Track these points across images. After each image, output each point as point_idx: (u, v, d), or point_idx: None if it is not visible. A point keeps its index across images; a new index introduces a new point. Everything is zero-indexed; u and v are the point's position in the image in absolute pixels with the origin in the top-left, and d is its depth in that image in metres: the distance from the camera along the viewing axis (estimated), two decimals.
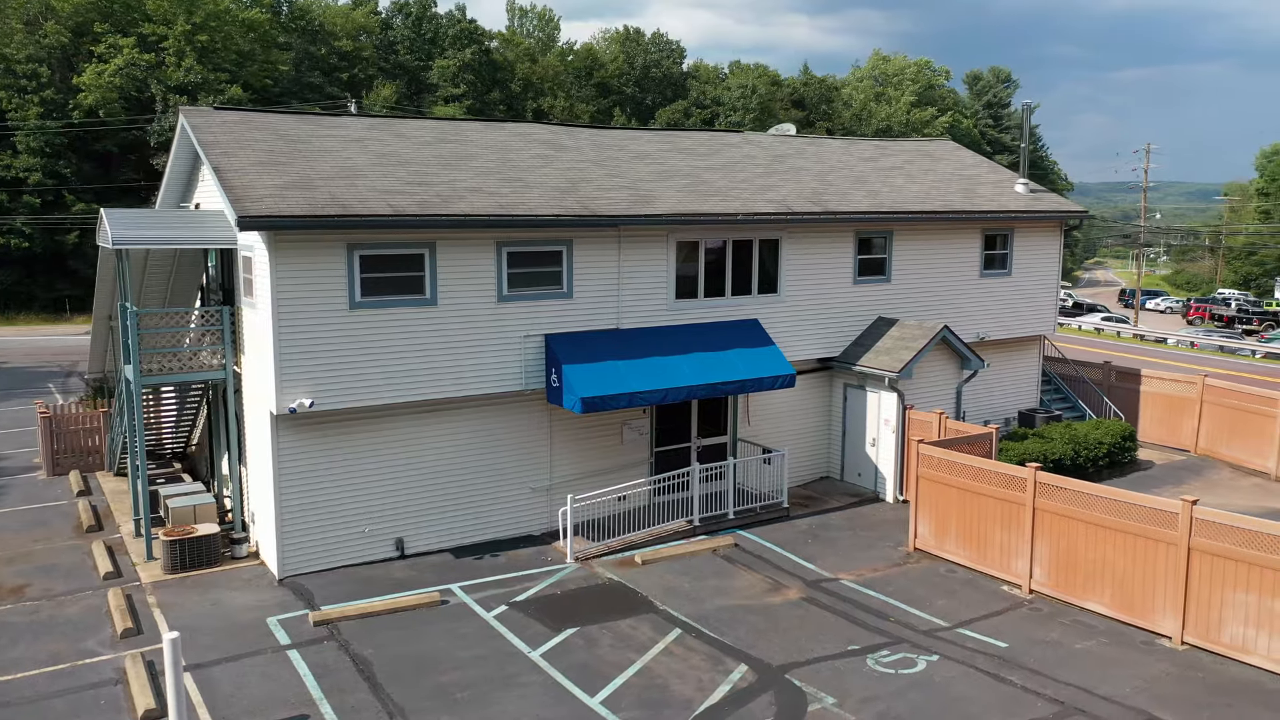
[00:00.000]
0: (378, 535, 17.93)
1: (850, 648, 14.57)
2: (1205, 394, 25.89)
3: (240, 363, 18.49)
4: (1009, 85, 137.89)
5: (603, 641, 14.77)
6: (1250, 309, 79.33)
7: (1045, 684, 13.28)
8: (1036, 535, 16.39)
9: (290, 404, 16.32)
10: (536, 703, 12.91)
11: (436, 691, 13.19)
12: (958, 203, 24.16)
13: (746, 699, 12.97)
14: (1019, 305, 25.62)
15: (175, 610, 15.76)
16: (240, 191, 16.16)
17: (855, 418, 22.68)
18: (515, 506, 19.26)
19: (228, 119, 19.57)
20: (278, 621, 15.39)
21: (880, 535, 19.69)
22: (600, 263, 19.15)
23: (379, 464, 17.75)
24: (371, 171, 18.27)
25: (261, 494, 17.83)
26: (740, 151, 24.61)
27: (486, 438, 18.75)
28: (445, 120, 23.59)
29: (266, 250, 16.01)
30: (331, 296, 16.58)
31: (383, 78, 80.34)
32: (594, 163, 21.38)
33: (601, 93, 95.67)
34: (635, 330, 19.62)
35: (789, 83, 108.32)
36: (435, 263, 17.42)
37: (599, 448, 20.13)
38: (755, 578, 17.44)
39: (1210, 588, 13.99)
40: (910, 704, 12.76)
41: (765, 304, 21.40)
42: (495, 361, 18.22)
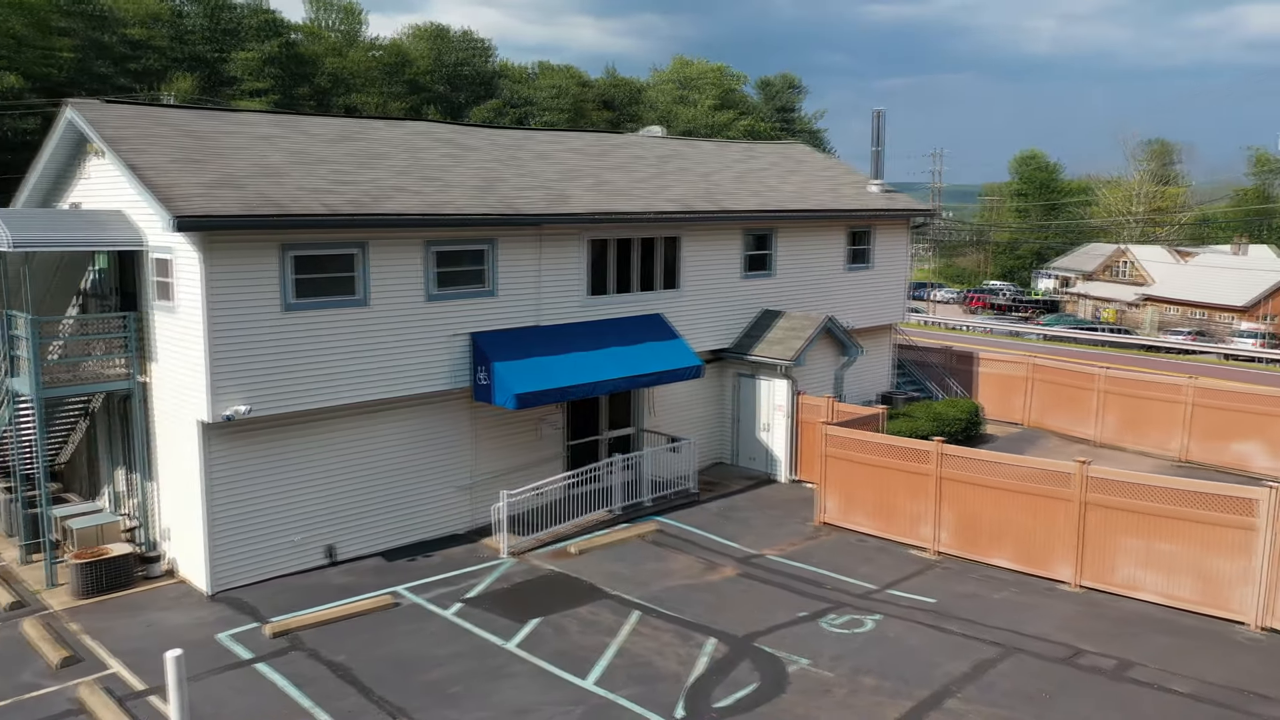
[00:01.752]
0: (309, 543, 17.51)
1: (800, 615, 15.72)
2: (1033, 373, 29.03)
3: (147, 371, 17.52)
4: (797, 91, 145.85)
5: (570, 629, 15.22)
6: (1019, 298, 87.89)
7: (981, 630, 14.91)
8: (942, 502, 18.16)
9: (225, 411, 15.72)
10: (533, 689, 13.25)
11: (429, 689, 13.26)
12: (829, 202, 25.99)
13: (728, 667, 13.83)
14: (878, 296, 27.82)
15: (110, 635, 14.88)
16: (168, 191, 15.42)
17: (747, 405, 24.01)
18: (441, 506, 19.26)
19: (124, 113, 18.41)
20: (230, 637, 14.86)
21: (786, 513, 21.05)
22: (521, 261, 19.45)
23: (309, 470, 17.34)
24: (293, 170, 17.78)
25: (181, 508, 17.01)
26: (629, 153, 25.41)
27: (413, 439, 18.66)
28: (346, 118, 23.03)
29: (198, 252, 15.36)
30: (265, 299, 16.10)
31: (179, 69, 75.49)
32: (501, 163, 21.58)
33: (412, 90, 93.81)
34: (555, 326, 20.05)
35: (597, 84, 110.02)
36: (367, 263, 17.21)
37: (518, 444, 20.41)
38: (689, 559, 18.32)
39: (1103, 536, 16.11)
40: (875, 658, 14.02)
41: (668, 299, 22.32)
42: (425, 361, 18.19)
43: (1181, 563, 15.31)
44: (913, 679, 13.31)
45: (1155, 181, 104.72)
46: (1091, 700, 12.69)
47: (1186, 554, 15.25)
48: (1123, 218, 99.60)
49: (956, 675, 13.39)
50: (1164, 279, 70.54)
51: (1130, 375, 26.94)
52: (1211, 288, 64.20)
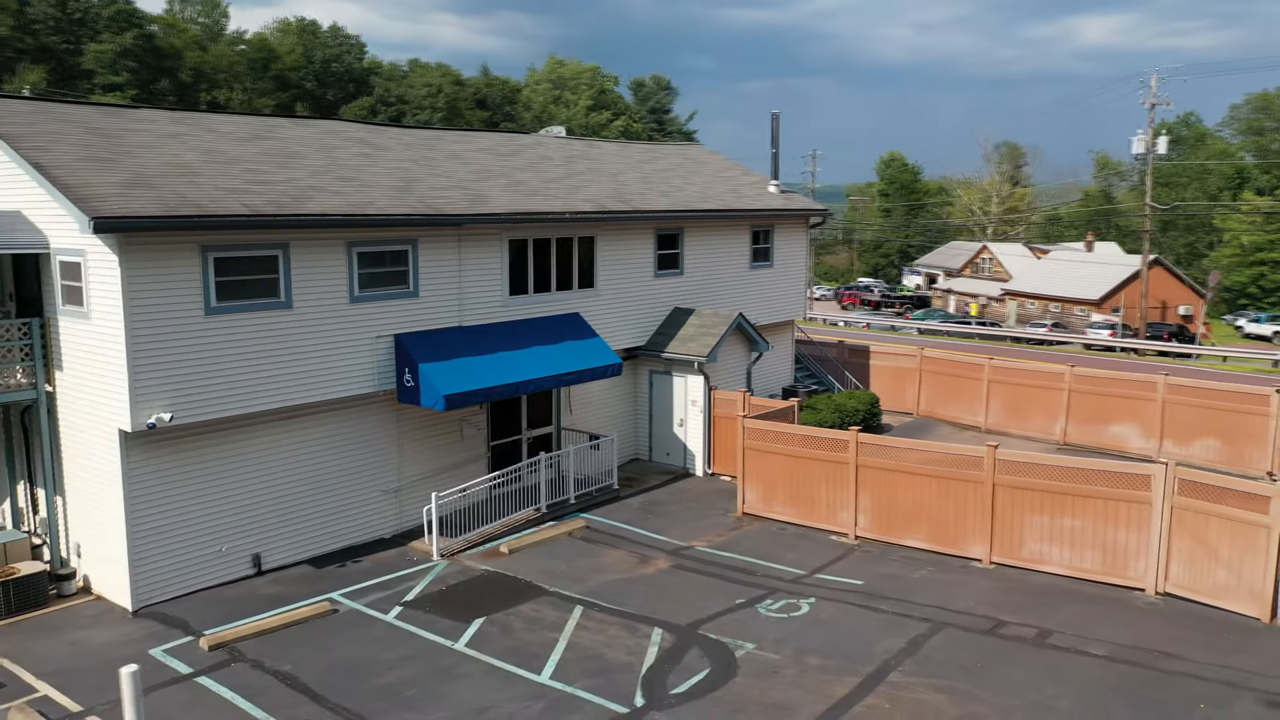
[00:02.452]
0: (234, 553, 17.02)
1: (737, 601, 16.25)
2: (924, 365, 30.52)
3: (53, 380, 16.68)
4: (669, 92, 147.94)
5: (515, 627, 15.32)
6: (889, 294, 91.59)
7: (909, 608, 15.74)
8: (860, 489, 19.03)
9: (148, 419, 15.16)
10: (489, 687, 13.32)
11: (384, 693, 13.17)
12: (733, 202, 26.72)
13: (678, 655, 14.21)
14: (779, 293, 28.74)
15: (32, 657, 14.16)
16: (82, 191, 14.75)
17: (662, 401, 24.48)
18: (367, 511, 19.00)
19: (19, 107, 17.45)
20: (164, 652, 14.36)
21: (707, 505, 21.61)
22: (443, 262, 19.36)
23: (232, 478, 16.86)
24: (206, 169, 17.22)
25: (95, 522, 16.28)
26: (536, 153, 25.50)
27: (338, 443, 18.35)
28: (252, 115, 22.32)
29: (115, 255, 14.75)
30: (186, 303, 15.59)
31: (26, 60, 70.99)
32: (414, 163, 21.37)
33: (280, 86, 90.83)
34: (478, 327, 20.03)
35: (472, 83, 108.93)
36: (289, 265, 16.85)
37: (441, 446, 20.30)
38: (620, 554, 18.63)
39: (1011, 515, 17.22)
40: (816, 639, 14.65)
41: (584, 298, 22.56)
42: (350, 364, 17.92)
43: (1084, 537, 16.53)
44: (854, 656, 13.99)
45: (1008, 183, 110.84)
46: (1019, 667, 13.62)
47: (1089, 528, 16.48)
48: (981, 218, 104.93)
49: (894, 651, 14.14)
50: (1021, 275, 74.76)
51: (1014, 365, 28.66)
52: (1066, 282, 68.44)
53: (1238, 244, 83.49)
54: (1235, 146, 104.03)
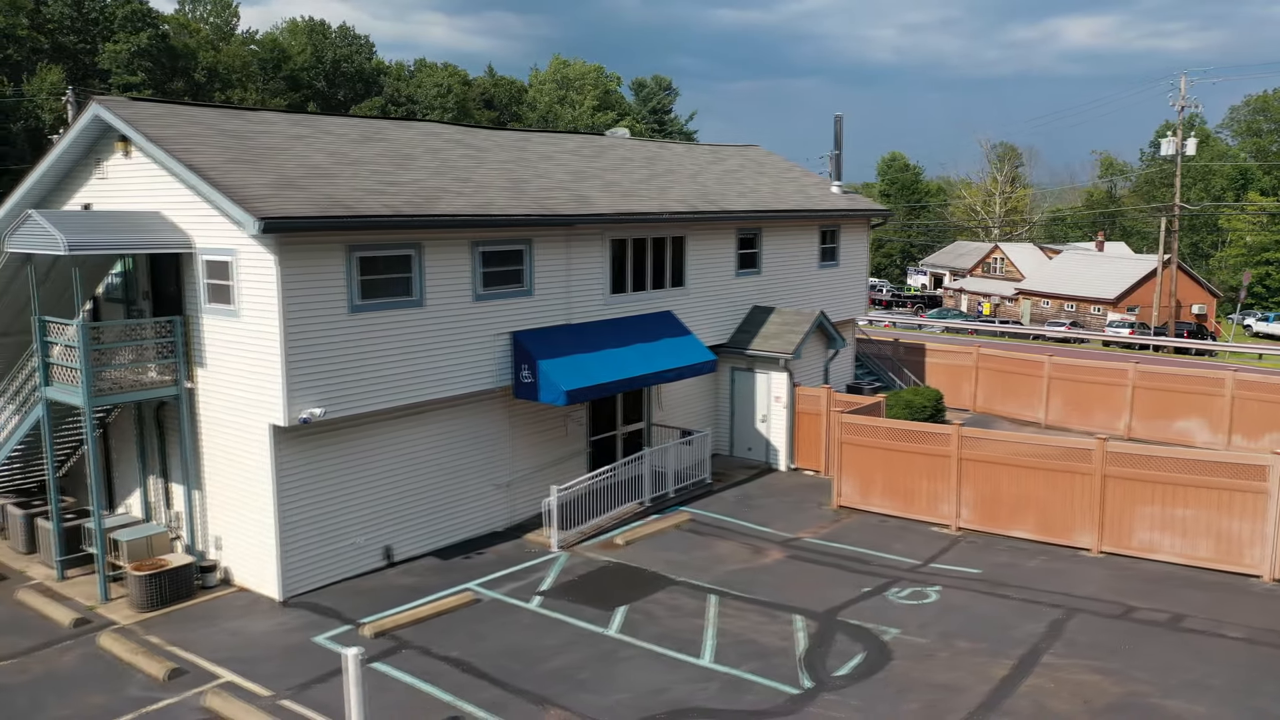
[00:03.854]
0: (367, 545, 17.46)
1: (864, 590, 16.79)
2: (980, 362, 31.16)
3: (194, 377, 17.05)
4: (670, 93, 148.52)
5: (658, 614, 15.80)
6: (899, 294, 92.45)
7: (1035, 594, 16.31)
8: (963, 481, 19.60)
9: (301, 414, 15.57)
10: (656, 670, 13.80)
11: (557, 676, 13.64)
12: (804, 202, 27.27)
13: (827, 640, 14.74)
14: (844, 292, 29.31)
15: (201, 645, 14.55)
16: (243, 192, 15.16)
17: (743, 397, 24.99)
18: (481, 505, 19.45)
19: (155, 110, 17.80)
20: (328, 639, 14.79)
21: (800, 499, 22.14)
22: (553, 261, 19.82)
23: (366, 472, 17.29)
24: (339, 170, 17.64)
25: (237, 515, 16.68)
26: (618, 154, 25.98)
27: (458, 439, 18.79)
28: (358, 118, 22.68)
29: (273, 254, 15.16)
30: (333, 301, 16.01)
31: (45, 60, 70.90)
32: (516, 163, 21.83)
33: (292, 86, 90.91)
34: (583, 324, 20.49)
35: (478, 83, 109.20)
36: (423, 264, 17.29)
37: (546, 441, 20.75)
38: (733, 545, 19.14)
39: (1121, 505, 17.82)
40: (956, 623, 15.20)
41: (674, 297, 23.06)
42: (472, 361, 18.37)
43: (1197, 526, 17.14)
44: (1001, 640, 14.54)
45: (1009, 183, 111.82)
46: (1164, 648, 14.20)
47: (1202, 517, 17.09)
48: (985, 218, 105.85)
49: (1038, 634, 14.71)
50: (1034, 274, 75.67)
51: (1075, 362, 29.32)
52: (1080, 282, 69.35)
53: (1242, 244, 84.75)
54: (1236, 148, 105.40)
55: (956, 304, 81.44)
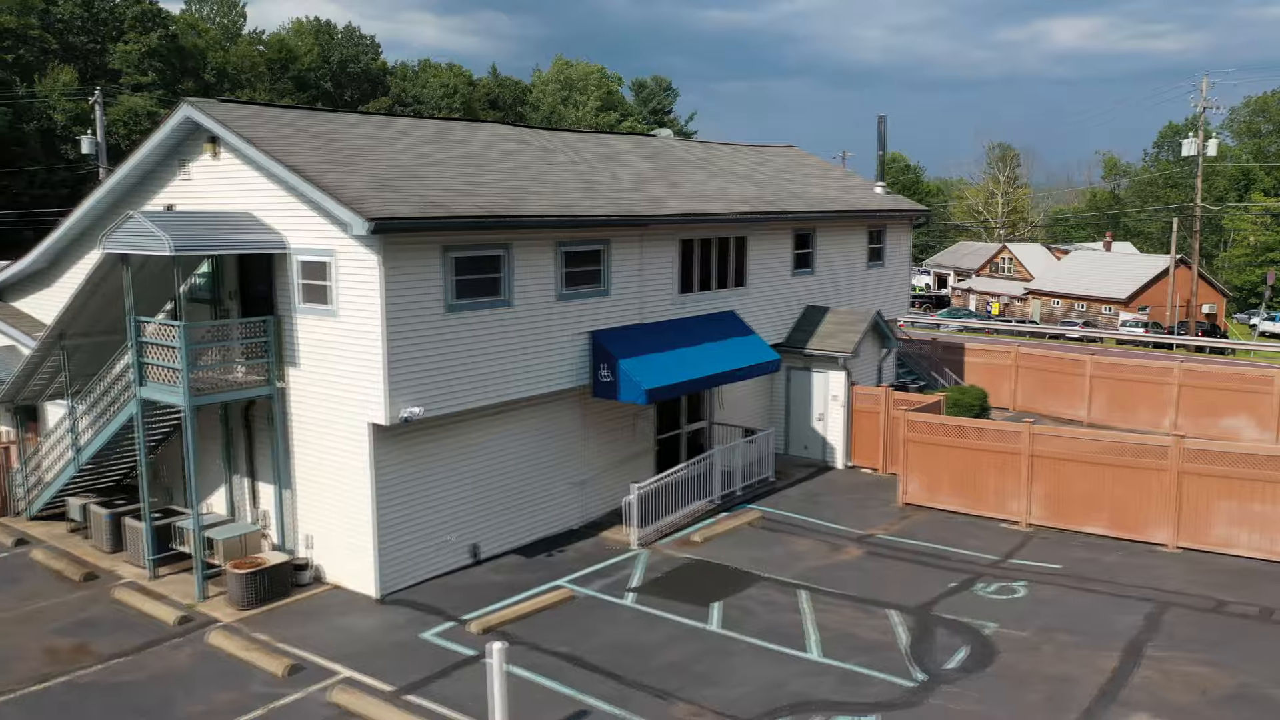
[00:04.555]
0: (458, 543, 17.62)
1: (950, 585, 17.02)
2: (1019, 361, 31.46)
3: (285, 377, 17.18)
4: (670, 93, 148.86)
5: (754, 610, 16.01)
6: None
7: (1121, 588, 16.58)
8: (1033, 478, 19.86)
9: (403, 413, 15.73)
10: (768, 664, 14.00)
11: (672, 670, 13.82)
12: (853, 202, 27.52)
13: (928, 635, 14.96)
14: (889, 291, 29.56)
15: (311, 642, 14.69)
16: (347, 193, 15.31)
17: (800, 396, 25.22)
18: (558, 503, 19.62)
19: (242, 112, 17.91)
20: (436, 635, 14.96)
21: (865, 496, 22.38)
22: (628, 261, 20.01)
23: (455, 470, 17.46)
24: (426, 172, 17.80)
25: (330, 514, 16.81)
26: (673, 155, 26.18)
27: (538, 438, 18.96)
28: (428, 120, 22.82)
29: (376, 255, 15.30)
30: (431, 301, 16.17)
31: (56, 61, 70.68)
32: (582, 164, 22.00)
33: (299, 86, 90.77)
34: (655, 324, 20.68)
35: (483, 83, 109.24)
36: (512, 264, 17.46)
37: (617, 440, 20.93)
38: (809, 542, 19.36)
39: (1197, 501, 18.11)
40: (1052, 617, 15.44)
41: (736, 296, 23.26)
42: (555, 360, 18.54)
43: (1276, 521, 17.43)
44: (1101, 633, 14.80)
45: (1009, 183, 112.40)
46: (1263, 641, 14.47)
47: None
48: (988, 218, 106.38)
49: (1136, 627, 14.96)
50: (1044, 274, 76.17)
51: (1118, 360, 29.64)
52: (1090, 282, 69.85)
53: (1246, 244, 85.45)
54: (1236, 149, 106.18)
55: (965, 304, 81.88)
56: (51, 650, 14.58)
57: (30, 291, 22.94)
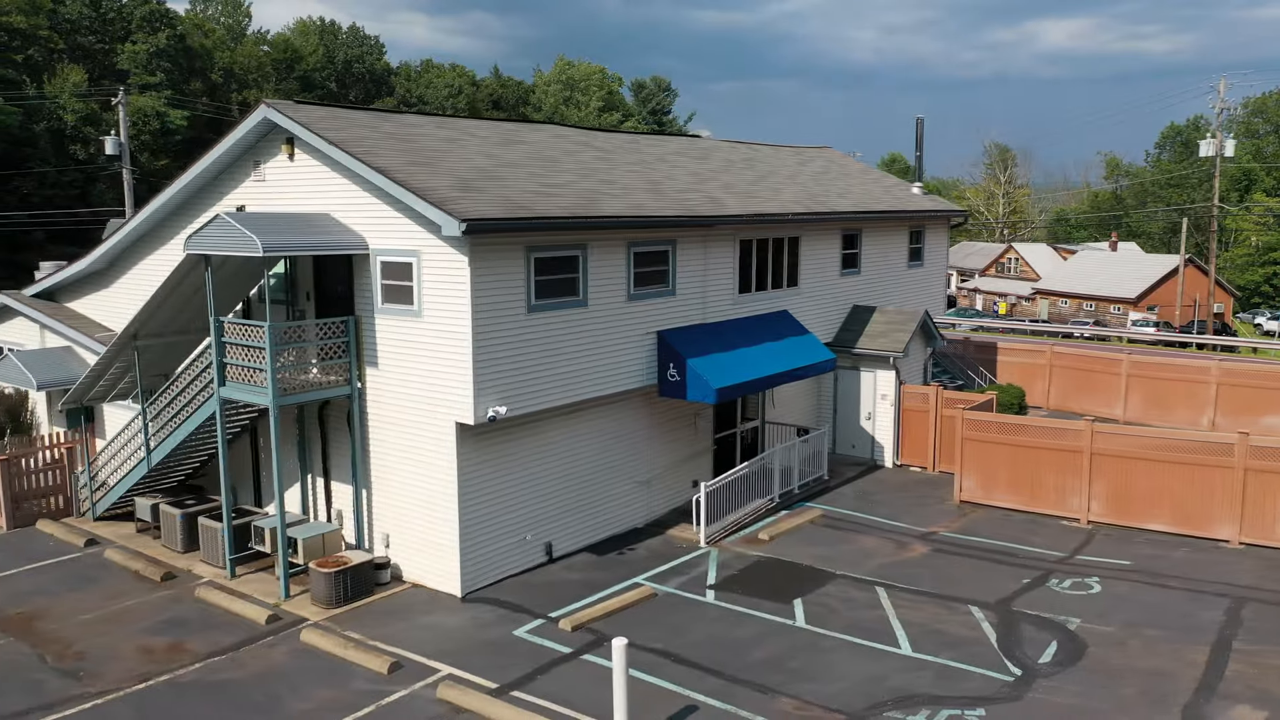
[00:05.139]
0: (532, 541, 17.74)
1: (1024, 581, 17.22)
2: (1053, 360, 31.73)
3: (363, 376, 17.27)
4: (669, 93, 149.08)
5: (835, 606, 16.17)
6: None
7: (1196, 584, 16.80)
8: (1094, 476, 20.08)
9: (489, 412, 15.85)
10: (863, 659, 14.17)
11: (769, 666, 13.97)
12: (895, 203, 27.73)
13: (1014, 630, 15.14)
14: (928, 291, 29.80)
15: (405, 640, 14.79)
16: (436, 194, 15.42)
17: (848, 395, 25.40)
18: (624, 501, 19.76)
19: (320, 113, 17.99)
20: (528, 633, 15.08)
21: (919, 494, 22.57)
22: (692, 261, 20.16)
23: (530, 470, 17.57)
24: (501, 173, 17.92)
25: (408, 513, 16.91)
26: (721, 156, 26.34)
27: (606, 437, 19.09)
28: (490, 121, 22.93)
29: (465, 256, 15.41)
30: (515, 301, 16.29)
31: (66, 60, 70.45)
32: (641, 165, 22.14)
33: (305, 86, 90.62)
34: (716, 324, 20.83)
35: (486, 84, 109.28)
36: (587, 264, 17.58)
37: (678, 439, 21.08)
38: (874, 540, 19.53)
39: (1263, 497, 18.35)
40: (1133, 612, 15.64)
41: (789, 296, 23.44)
42: (626, 360, 18.68)
43: None
44: (1185, 628, 15.01)
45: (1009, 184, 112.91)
46: None
47: None
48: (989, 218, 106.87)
49: (1218, 622, 15.18)
50: (1051, 274, 76.58)
51: (1154, 360, 29.93)
52: (1098, 282, 70.28)
53: (1248, 244, 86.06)
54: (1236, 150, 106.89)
55: (971, 303, 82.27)
56: (147, 649, 14.66)
57: (86, 293, 22.99)
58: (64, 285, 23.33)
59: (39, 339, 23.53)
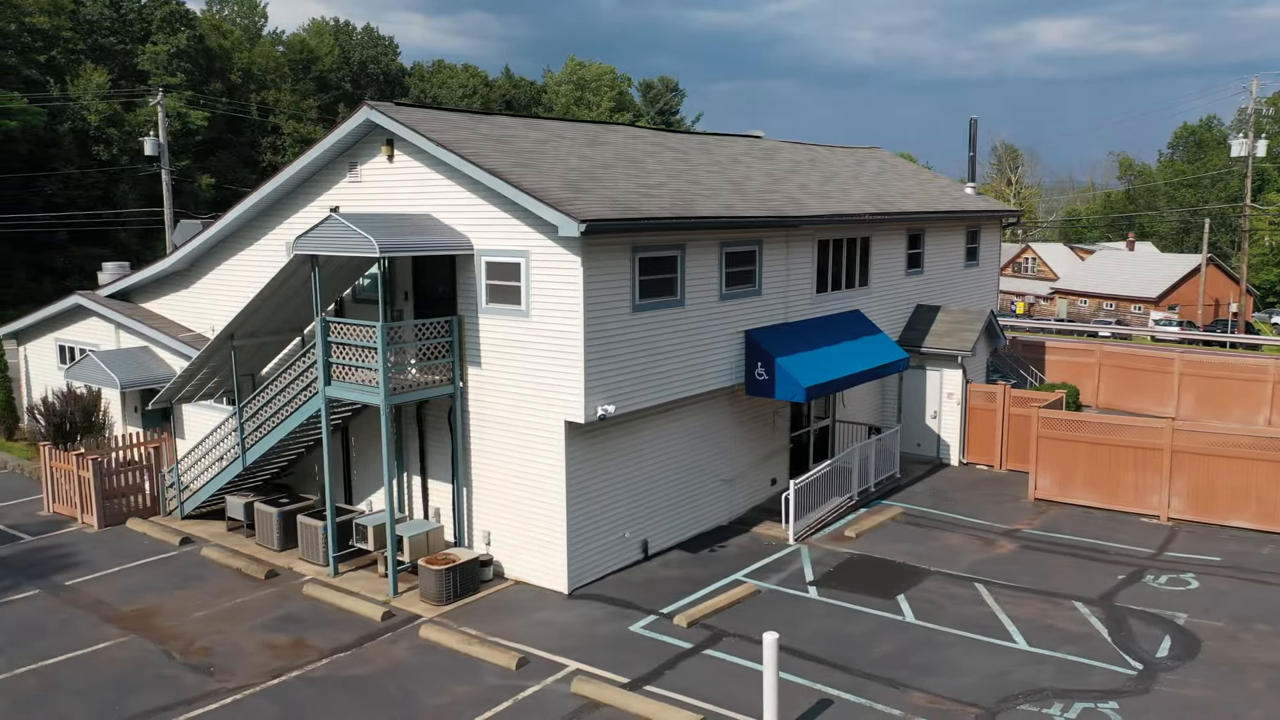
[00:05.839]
0: (630, 538, 17.91)
1: (1119, 577, 17.41)
2: (1103, 359, 31.94)
3: (465, 376, 17.43)
4: (676, 94, 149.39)
5: (940, 602, 16.35)
6: None
7: None
8: (1174, 473, 20.28)
9: (598, 411, 16.02)
10: (983, 654, 14.34)
11: (892, 661, 14.14)
12: (954, 203, 27.91)
13: (1123, 625, 15.33)
14: (982, 290, 29.99)
15: (523, 635, 14.96)
16: (551, 195, 15.58)
17: (913, 394, 25.58)
18: (711, 499, 19.93)
19: (420, 115, 18.14)
20: (644, 629, 15.24)
21: (992, 492, 22.76)
22: (776, 261, 20.33)
23: (627, 468, 17.74)
24: (598, 174, 18.08)
25: (520, 510, 17.05)
26: (786, 157, 26.52)
27: (696, 435, 19.26)
28: (570, 121, 23.08)
29: (577, 256, 15.58)
30: (621, 300, 16.46)
31: (88, 61, 70.49)
32: (716, 166, 22.31)
33: (320, 87, 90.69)
34: (797, 323, 21.01)
35: (498, 84, 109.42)
36: (685, 264, 17.75)
37: (757, 437, 21.25)
38: (959, 537, 19.72)
39: None
40: (1239, 607, 15.85)
41: (861, 296, 23.62)
42: (717, 359, 18.85)
43: None
44: None
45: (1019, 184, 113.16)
46: None
47: None
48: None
49: None
50: (1070, 274, 76.85)
51: (1207, 358, 30.15)
52: (1118, 281, 70.55)
53: (1262, 244, 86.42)
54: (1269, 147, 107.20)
55: None
56: (270, 645, 14.80)
57: (163, 293, 23.14)
58: (140, 286, 23.48)
59: (114, 339, 23.68)
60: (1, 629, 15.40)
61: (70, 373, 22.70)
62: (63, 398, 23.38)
